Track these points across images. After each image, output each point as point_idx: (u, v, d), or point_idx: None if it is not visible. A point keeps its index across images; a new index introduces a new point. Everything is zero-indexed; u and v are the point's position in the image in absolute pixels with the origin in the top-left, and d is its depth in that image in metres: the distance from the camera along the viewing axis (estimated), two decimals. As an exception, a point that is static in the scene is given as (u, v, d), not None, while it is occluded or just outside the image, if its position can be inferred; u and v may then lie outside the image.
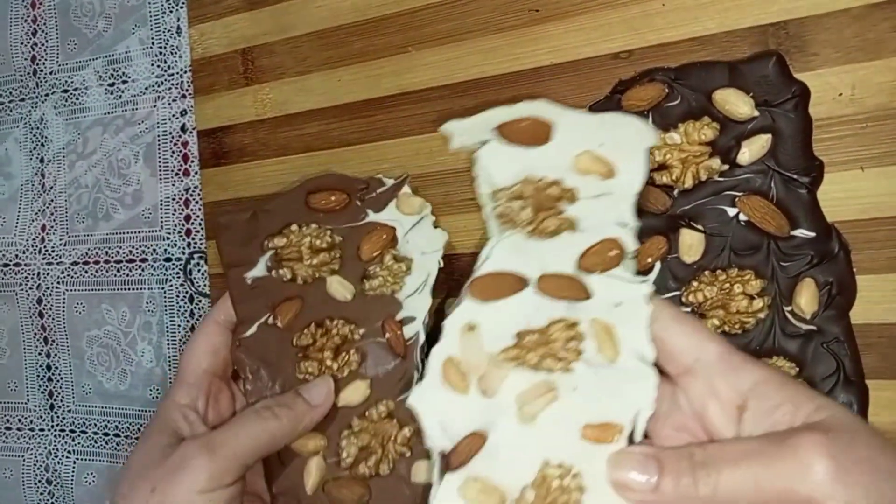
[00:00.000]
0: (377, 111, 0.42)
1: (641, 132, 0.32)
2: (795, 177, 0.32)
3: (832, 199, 0.32)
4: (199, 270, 0.51)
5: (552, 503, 0.28)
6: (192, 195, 0.52)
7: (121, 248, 0.55)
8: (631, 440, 0.29)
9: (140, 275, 0.54)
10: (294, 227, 0.39)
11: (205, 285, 0.51)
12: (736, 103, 0.32)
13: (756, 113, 0.32)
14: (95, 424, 0.56)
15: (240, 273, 0.39)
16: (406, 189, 0.39)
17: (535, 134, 0.32)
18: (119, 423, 0.55)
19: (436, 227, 0.39)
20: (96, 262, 0.56)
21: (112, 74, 0.55)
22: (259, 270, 0.38)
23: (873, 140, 0.31)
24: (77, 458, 0.57)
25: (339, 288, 0.38)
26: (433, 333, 0.35)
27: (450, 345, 0.31)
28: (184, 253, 0.52)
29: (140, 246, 0.54)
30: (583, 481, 0.29)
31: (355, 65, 0.43)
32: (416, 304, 0.37)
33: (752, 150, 0.32)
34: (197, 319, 0.52)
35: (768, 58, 0.32)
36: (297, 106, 0.45)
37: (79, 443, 0.57)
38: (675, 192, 0.34)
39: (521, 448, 0.30)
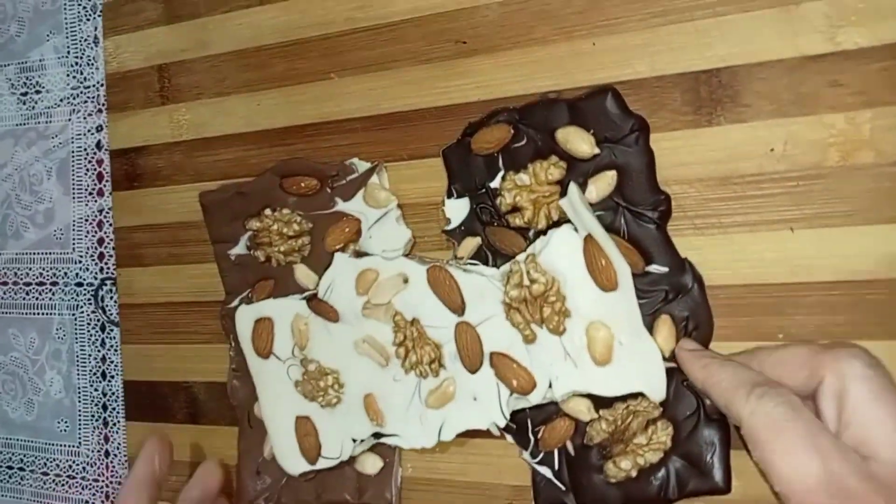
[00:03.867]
0: (297, 139, 0.40)
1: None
2: (644, 212, 0.31)
3: (760, 260, 0.30)
4: (111, 297, 0.48)
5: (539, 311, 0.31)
6: (105, 217, 0.48)
7: (30, 269, 0.51)
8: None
9: (50, 299, 0.50)
10: (268, 211, 0.38)
11: (116, 314, 0.47)
12: (575, 141, 0.32)
13: (597, 151, 0.32)
14: (-1, 457, 0.52)
15: (224, 249, 0.40)
16: (375, 179, 0.37)
17: None
18: (24, 455, 0.51)
19: (403, 223, 0.37)
20: (4, 283, 0.52)
21: (25, 83, 0.51)
22: (240, 248, 0.39)
23: (804, 199, 0.30)
24: (-23, 493, 0.53)
25: (304, 278, 0.38)
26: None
27: None
28: (96, 278, 0.49)
29: (51, 268, 0.50)
30: (568, 306, 0.30)
31: (276, 88, 0.40)
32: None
33: (598, 187, 0.32)
34: (108, 349, 0.48)
35: (605, 94, 0.32)
36: (215, 129, 0.42)
37: (-20, 476, 0.53)
38: (531, 233, 0.33)
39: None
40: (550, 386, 0.31)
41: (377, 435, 0.35)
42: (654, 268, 0.31)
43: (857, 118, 0.29)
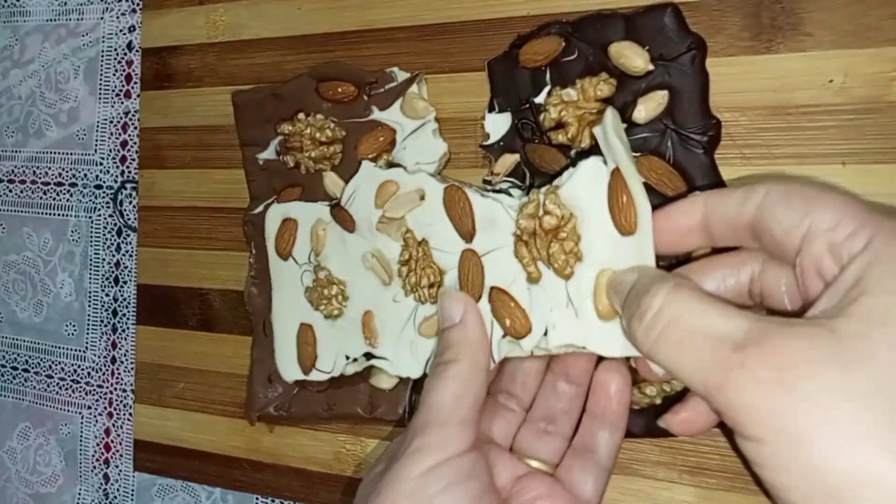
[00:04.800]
0: (337, 46, 0.39)
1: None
2: (693, 136, 0.30)
3: (807, 194, 0.30)
4: (130, 202, 0.47)
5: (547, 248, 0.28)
6: (131, 119, 0.47)
7: (50, 168, 0.50)
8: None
9: (68, 200, 0.50)
10: (301, 116, 0.37)
11: (134, 219, 0.47)
12: (630, 56, 0.30)
13: (651, 67, 0.30)
14: (3, 356, 0.52)
15: (252, 153, 0.39)
16: (414, 89, 0.36)
17: None
18: (29, 357, 0.51)
19: (439, 136, 0.36)
20: (22, 182, 0.51)
21: (58, -22, 0.50)
22: (269, 153, 0.39)
23: (859, 134, 0.29)
24: (-20, 390, 0.53)
25: (332, 186, 0.37)
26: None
27: None
28: (116, 181, 0.48)
29: (71, 169, 0.50)
30: (582, 248, 0.28)
31: (319, -7, 0.39)
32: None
33: (648, 107, 0.30)
34: (123, 254, 0.48)
35: (664, 9, 0.30)
36: (252, 32, 0.41)
37: (-17, 374, 0.53)
38: (573, 152, 0.32)
39: None
40: (546, 334, 0.29)
41: (368, 356, 0.35)
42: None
43: (922, 52, 0.28)
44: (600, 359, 0.29)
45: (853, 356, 0.18)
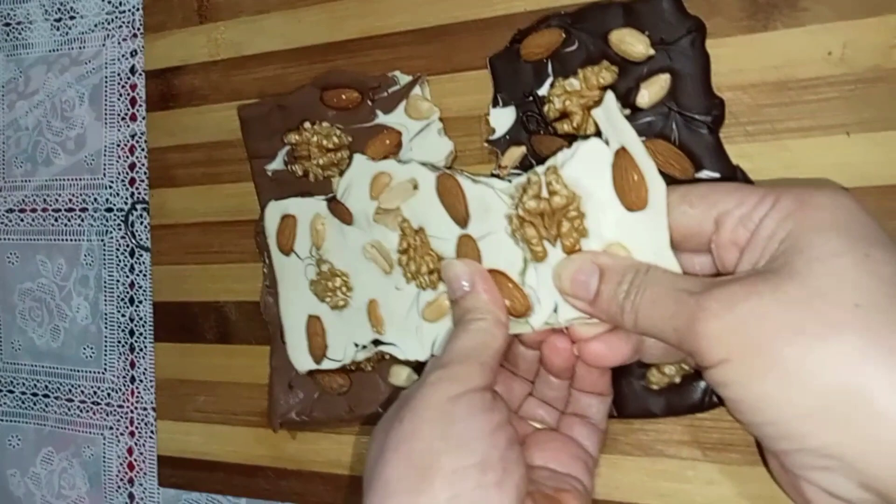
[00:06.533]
0: (338, 55, 0.39)
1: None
2: (697, 117, 0.30)
3: (814, 165, 0.30)
4: (141, 223, 0.48)
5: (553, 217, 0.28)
6: (137, 142, 0.48)
7: (60, 195, 0.51)
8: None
9: (79, 225, 0.50)
10: (307, 125, 0.38)
11: (146, 238, 0.47)
12: (631, 42, 0.31)
13: (652, 52, 0.31)
14: (24, 384, 0.52)
15: (261, 165, 0.40)
16: (417, 91, 0.36)
17: None
18: (49, 383, 0.52)
19: (445, 135, 0.36)
20: (33, 210, 0.52)
21: (59, 9, 0.51)
22: (278, 164, 0.39)
23: (862, 103, 0.29)
24: (2, 419, 0.53)
25: None
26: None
27: None
28: (126, 203, 0.49)
29: (81, 194, 0.50)
30: (587, 225, 0.28)
31: (317, 4, 0.40)
32: None
33: (651, 91, 0.31)
34: (137, 274, 0.48)
35: None
36: (254, 48, 0.42)
37: (5, 403, 0.53)
38: (579, 139, 0.32)
39: None
40: (556, 310, 0.29)
41: (377, 343, 0.35)
42: (705, 174, 0.31)
43: (919, 19, 0.28)
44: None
45: (784, 278, 0.22)
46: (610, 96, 0.28)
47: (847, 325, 0.21)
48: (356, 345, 0.35)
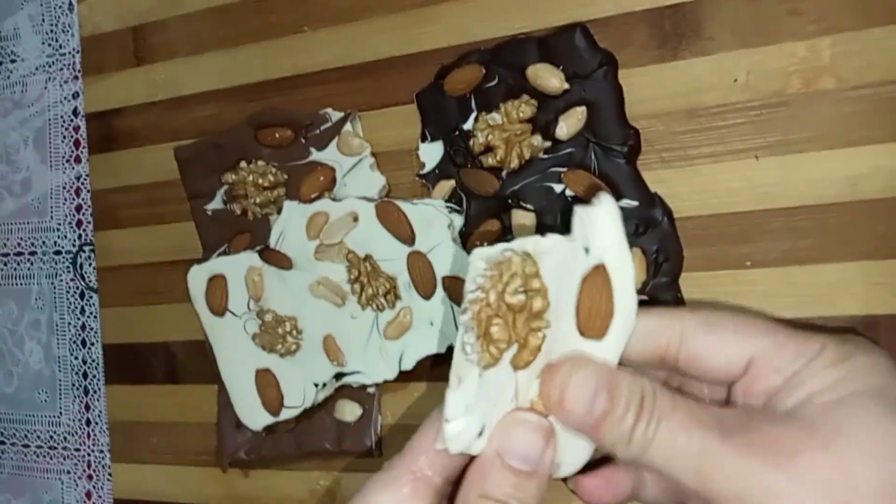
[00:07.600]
0: (273, 93, 0.40)
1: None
2: (614, 147, 0.32)
3: (727, 189, 0.31)
4: (89, 264, 0.48)
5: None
6: (83, 183, 0.48)
7: (9, 239, 0.51)
8: None
9: (29, 269, 0.50)
10: (243, 164, 0.39)
11: (95, 280, 0.47)
12: (546, 77, 0.32)
13: (567, 86, 0.32)
14: (-21, 430, 0.52)
15: (200, 204, 0.40)
16: (348, 127, 0.37)
17: None
18: (4, 429, 0.51)
19: (377, 170, 0.37)
20: (-18, 255, 0.52)
21: (0, 53, 0.51)
22: (217, 203, 0.40)
23: (768, 128, 0.30)
24: (-43, 467, 0.53)
25: None
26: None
27: None
28: (74, 245, 0.49)
29: (29, 237, 0.50)
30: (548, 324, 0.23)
31: (251, 43, 0.40)
32: None
33: (568, 123, 0.32)
34: (88, 316, 0.48)
35: (573, 29, 0.32)
36: (191, 87, 0.42)
37: (-40, 450, 0.52)
38: (504, 173, 0.33)
39: None
40: (481, 434, 0.23)
41: (339, 376, 0.35)
42: (625, 202, 0.31)
43: (817, 45, 0.29)
44: None
45: (831, 437, 0.20)
46: (609, 200, 0.23)
47: None
48: (316, 385, 0.36)
